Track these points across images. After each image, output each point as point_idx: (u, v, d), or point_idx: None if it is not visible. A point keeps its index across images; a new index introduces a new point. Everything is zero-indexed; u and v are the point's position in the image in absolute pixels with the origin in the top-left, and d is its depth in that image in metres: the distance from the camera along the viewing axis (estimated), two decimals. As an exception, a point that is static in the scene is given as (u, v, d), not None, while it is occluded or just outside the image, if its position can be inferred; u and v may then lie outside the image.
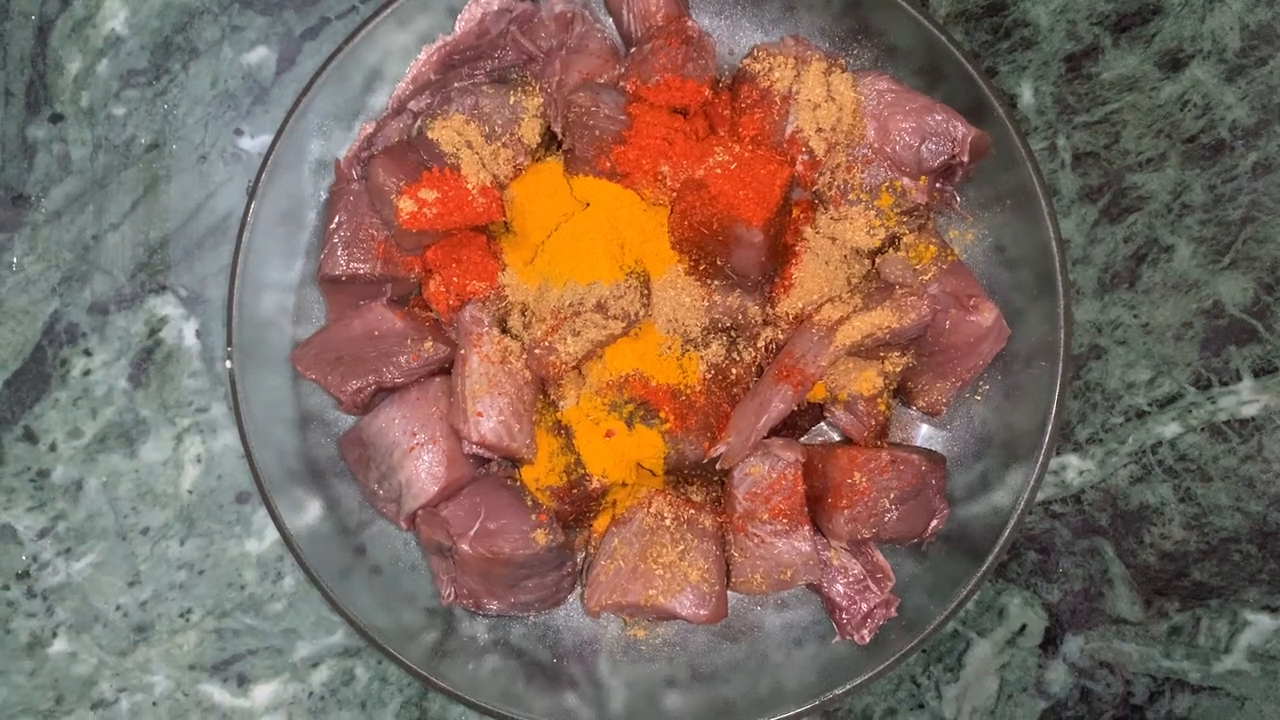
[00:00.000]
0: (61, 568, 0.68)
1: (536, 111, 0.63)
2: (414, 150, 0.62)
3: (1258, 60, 0.69)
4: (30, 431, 0.68)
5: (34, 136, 0.69)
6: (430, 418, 0.61)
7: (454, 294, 0.63)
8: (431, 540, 0.62)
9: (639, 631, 0.65)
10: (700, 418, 0.62)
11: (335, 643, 0.68)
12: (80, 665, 0.67)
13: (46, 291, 0.69)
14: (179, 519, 0.68)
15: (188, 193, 0.69)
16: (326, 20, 0.70)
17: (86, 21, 0.70)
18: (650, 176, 0.61)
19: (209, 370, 0.69)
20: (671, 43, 0.62)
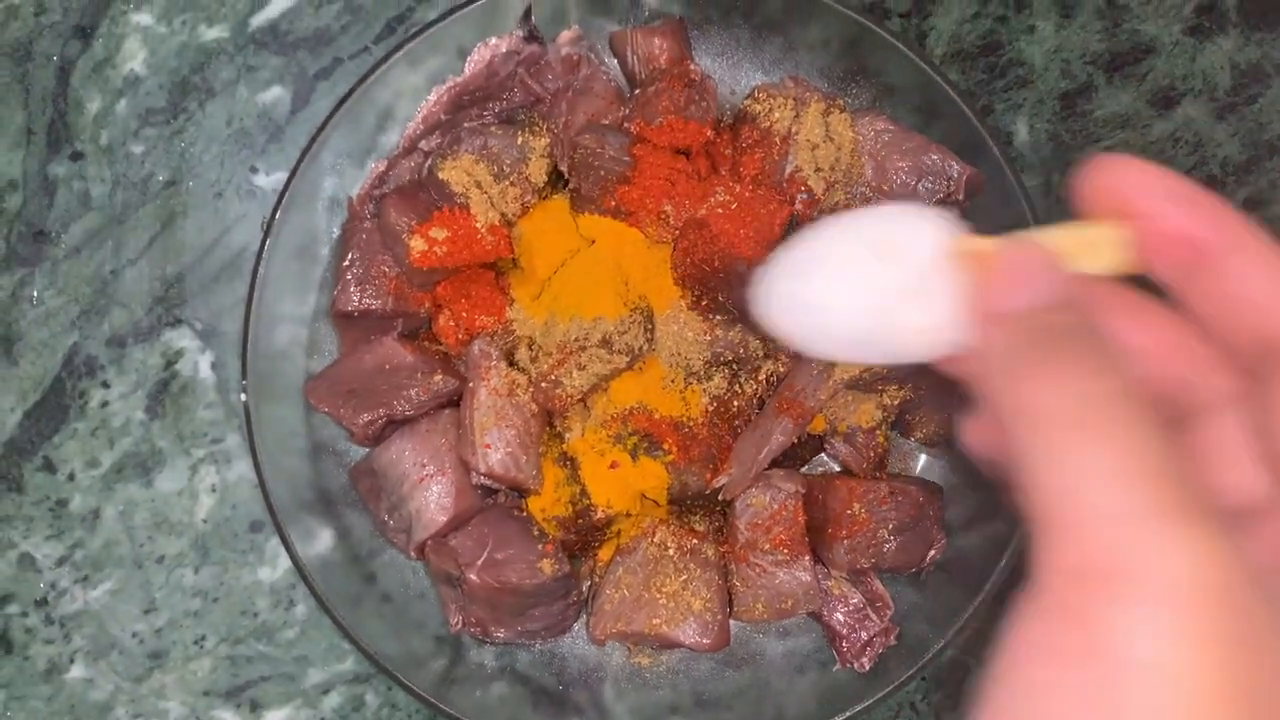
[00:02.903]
0: (79, 595, 0.69)
1: (544, 151, 0.64)
2: (424, 190, 0.63)
3: (1248, 98, 0.71)
4: (49, 461, 0.70)
5: (55, 174, 0.71)
6: (439, 449, 0.63)
7: (463, 329, 0.64)
8: (440, 569, 0.63)
9: (643, 659, 0.66)
10: (703, 449, 0.63)
11: (346, 669, 0.69)
12: (97, 691, 0.69)
13: (66, 325, 0.70)
14: (194, 547, 0.70)
15: (204, 228, 0.71)
16: (339, 61, 0.72)
17: (106, 62, 0.72)
18: (654, 215, 0.62)
19: (224, 402, 0.70)
20: (674, 85, 0.63)
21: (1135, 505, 0.24)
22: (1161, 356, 0.31)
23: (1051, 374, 0.27)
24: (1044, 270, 0.30)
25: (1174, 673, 0.22)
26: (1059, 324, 0.28)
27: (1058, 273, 0.29)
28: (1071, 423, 0.26)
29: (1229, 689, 0.22)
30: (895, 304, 0.31)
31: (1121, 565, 0.23)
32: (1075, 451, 0.25)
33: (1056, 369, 0.27)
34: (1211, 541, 0.23)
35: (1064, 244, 0.31)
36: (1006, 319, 0.29)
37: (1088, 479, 0.25)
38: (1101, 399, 0.26)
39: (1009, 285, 0.30)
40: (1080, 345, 0.28)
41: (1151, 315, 0.32)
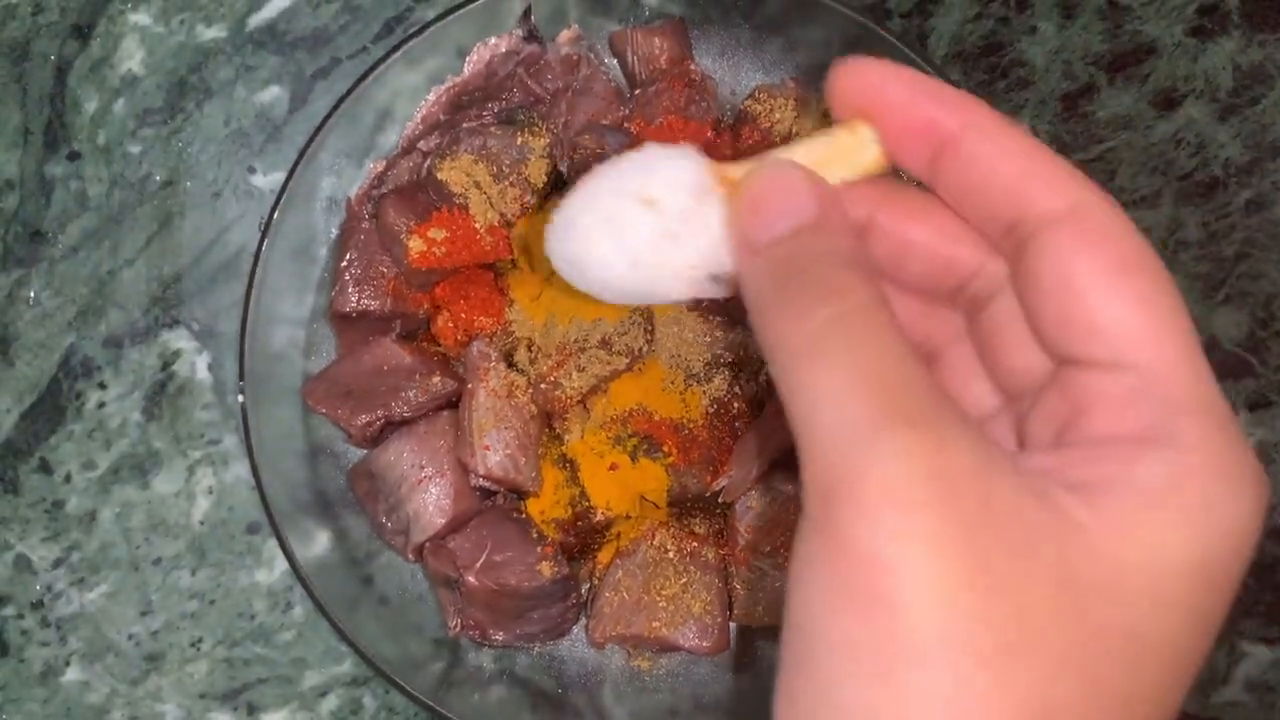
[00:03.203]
0: (75, 597, 0.69)
1: (543, 152, 0.64)
2: (423, 190, 0.63)
3: (1250, 100, 0.71)
4: (46, 463, 0.69)
5: (52, 174, 0.71)
6: (438, 451, 0.62)
7: (462, 330, 0.64)
8: (438, 572, 0.63)
9: (643, 662, 0.65)
10: (703, 451, 0.63)
11: (343, 672, 0.69)
12: (92, 694, 0.68)
13: (63, 326, 0.70)
14: (190, 549, 0.69)
15: (201, 229, 0.71)
16: (338, 61, 0.72)
17: (104, 62, 0.72)
18: (654, 216, 0.62)
19: (221, 403, 0.70)
20: (675, 85, 0.63)
21: (855, 418, 0.25)
22: (943, 246, 0.32)
23: (792, 307, 0.27)
24: (793, 191, 0.29)
25: (908, 572, 0.23)
26: (797, 249, 0.29)
27: (807, 191, 0.29)
28: (807, 351, 0.26)
29: (961, 577, 0.23)
30: (661, 246, 0.31)
31: (846, 476, 0.24)
32: (809, 378, 0.26)
33: (796, 301, 0.27)
34: (924, 441, 0.24)
35: (814, 155, 0.31)
36: (761, 249, 0.29)
37: (819, 402, 0.26)
38: (836, 322, 0.26)
39: (762, 212, 0.30)
40: (819, 271, 0.28)
41: (932, 207, 0.32)
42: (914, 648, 0.23)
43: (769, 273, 0.29)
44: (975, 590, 0.23)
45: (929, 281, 0.32)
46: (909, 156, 0.31)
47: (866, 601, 0.24)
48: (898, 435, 0.24)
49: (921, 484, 0.24)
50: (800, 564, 0.26)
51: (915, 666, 0.23)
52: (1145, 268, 0.27)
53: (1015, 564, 0.24)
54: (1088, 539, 0.25)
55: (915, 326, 0.34)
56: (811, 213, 0.29)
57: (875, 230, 0.32)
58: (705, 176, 0.31)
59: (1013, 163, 0.29)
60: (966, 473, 0.24)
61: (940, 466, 0.24)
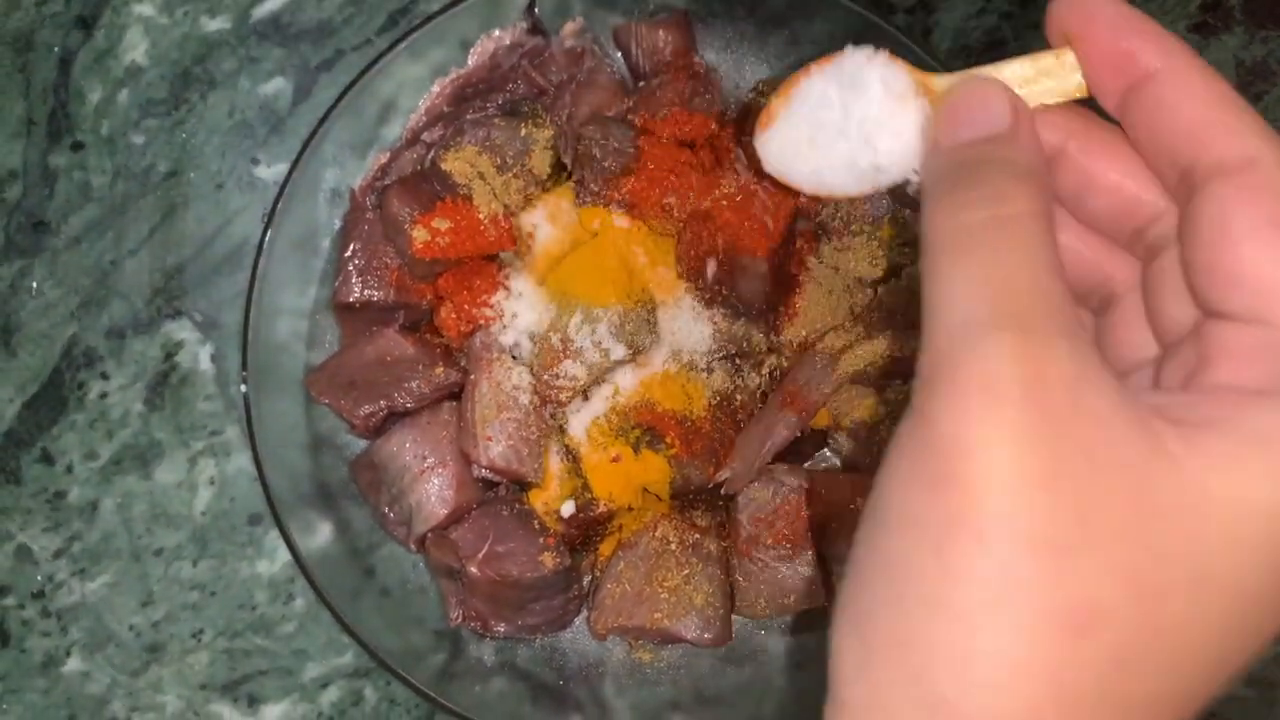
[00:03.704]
0: (76, 588, 0.69)
1: (547, 143, 0.64)
2: (427, 181, 0.63)
3: (1253, 96, 0.71)
4: (48, 453, 0.69)
5: (55, 164, 0.71)
6: (440, 442, 0.62)
7: (465, 321, 0.64)
8: (440, 562, 0.63)
9: (644, 654, 0.65)
10: (705, 443, 0.63)
11: (345, 664, 0.69)
12: (93, 684, 0.68)
13: (65, 316, 0.70)
14: (192, 540, 0.69)
15: (204, 220, 0.71)
16: (342, 52, 0.72)
17: (108, 53, 0.72)
18: (657, 208, 0.62)
19: (223, 394, 0.70)
20: (679, 77, 0.63)
21: (972, 314, 0.26)
22: (1126, 185, 0.32)
23: (954, 201, 0.28)
24: (990, 102, 0.30)
25: (985, 458, 0.24)
26: (978, 154, 0.30)
27: (1002, 104, 0.30)
28: (953, 245, 0.28)
29: (1034, 473, 0.24)
30: (867, 137, 0.34)
31: (948, 365, 0.26)
32: (946, 270, 0.27)
33: (960, 197, 0.28)
34: (1029, 344, 0.25)
35: (1017, 74, 0.32)
36: (946, 150, 0.31)
37: (946, 295, 0.27)
38: (988, 224, 0.27)
39: (957, 118, 0.31)
40: (991, 174, 0.29)
41: (1122, 146, 0.32)
42: (972, 526, 0.24)
43: (946, 169, 0.30)
44: (1045, 488, 0.24)
45: (1110, 221, 0.33)
46: (1106, 88, 0.31)
47: (941, 480, 0.25)
48: (1004, 336, 0.25)
49: (1016, 383, 0.25)
50: (891, 447, 0.27)
51: (970, 543, 0.24)
52: None
53: (1092, 474, 0.25)
54: (1175, 466, 0.25)
55: (1097, 266, 0.34)
56: (1003, 125, 0.30)
57: (1064, 160, 0.32)
58: (908, 82, 0.33)
59: (1198, 107, 0.29)
60: (1064, 381, 0.25)
61: (1038, 371, 0.25)
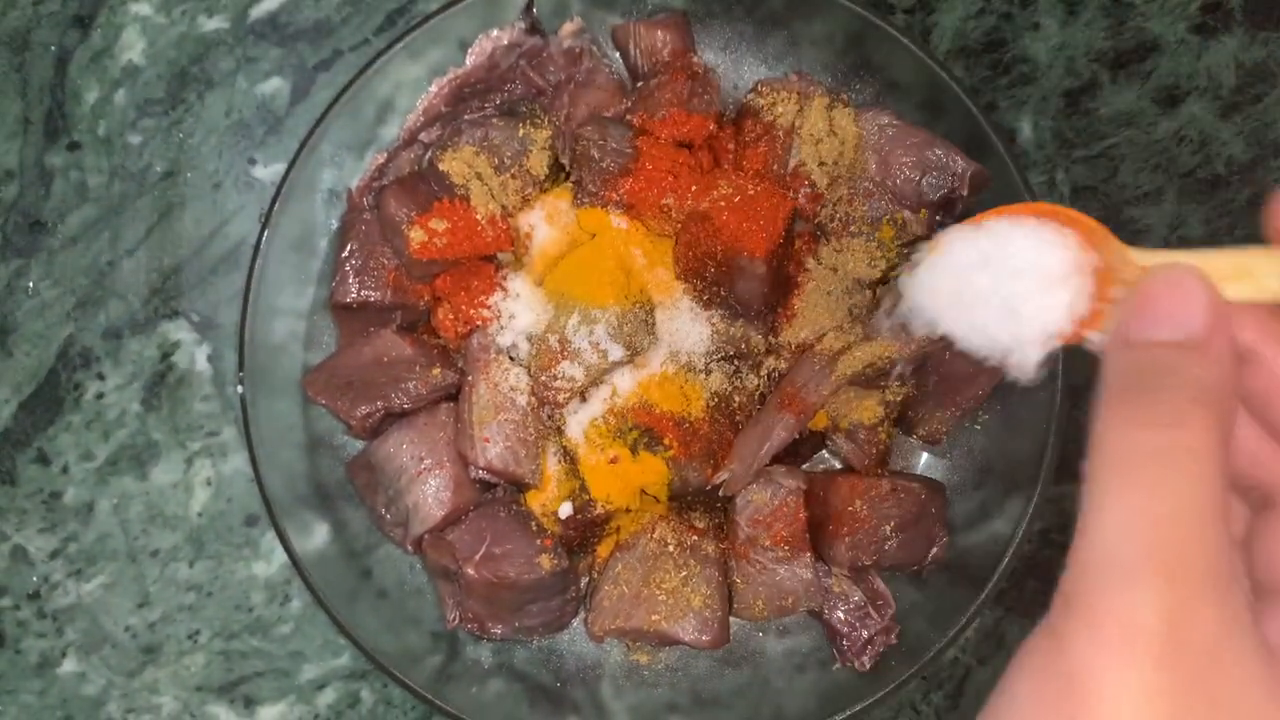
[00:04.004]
0: (72, 589, 0.69)
1: (545, 144, 0.64)
2: (424, 181, 0.63)
3: (1253, 97, 0.70)
4: (43, 454, 0.69)
5: (52, 164, 0.71)
6: (437, 443, 0.62)
7: (462, 321, 0.64)
8: (437, 564, 0.63)
9: (642, 656, 0.65)
10: (703, 445, 0.63)
11: (341, 665, 0.69)
12: (89, 686, 0.68)
13: (61, 316, 0.70)
14: (189, 541, 0.69)
15: (201, 220, 0.71)
16: (339, 52, 0.72)
17: (105, 52, 0.72)
18: (656, 208, 0.62)
19: (220, 394, 0.70)
20: (677, 78, 0.63)
21: (1124, 555, 0.26)
22: None
23: (1128, 413, 0.28)
24: (1188, 301, 0.29)
25: (1113, 698, 0.25)
26: (1165, 362, 0.29)
27: (1201, 306, 0.29)
28: (1120, 467, 0.27)
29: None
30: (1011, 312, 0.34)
31: (1090, 597, 0.26)
32: (1112, 494, 0.27)
33: (1136, 410, 0.28)
34: (1175, 596, 0.25)
35: (1221, 266, 0.31)
36: (1135, 344, 0.30)
37: (1104, 524, 0.27)
38: (1161, 452, 0.27)
39: (1149, 311, 0.30)
40: (1171, 389, 0.28)
41: None
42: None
43: (1129, 369, 0.29)
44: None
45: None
46: None
47: (1068, 713, 0.25)
48: (1154, 583, 0.25)
49: (1156, 638, 0.25)
50: (1022, 649, 0.27)
51: None
52: None
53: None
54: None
55: (1267, 467, 0.34)
56: (1199, 330, 0.29)
57: (1257, 360, 0.32)
58: (1067, 260, 0.33)
59: None
60: (1205, 642, 0.25)
61: (1181, 629, 0.25)
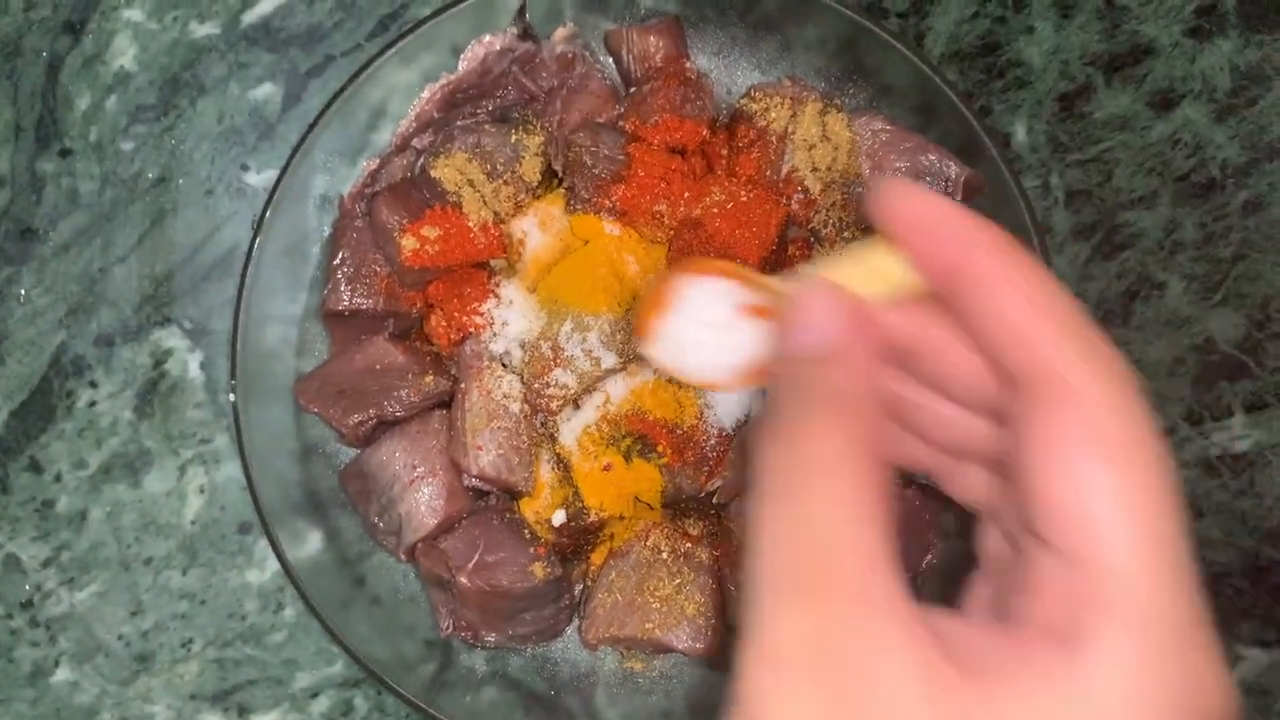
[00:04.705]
0: (65, 597, 0.68)
1: (537, 150, 0.64)
2: (416, 188, 0.63)
3: (1248, 100, 0.70)
4: (36, 462, 0.69)
5: (43, 171, 0.71)
6: (430, 451, 0.62)
7: (455, 329, 0.63)
8: (431, 572, 0.62)
9: (636, 664, 0.65)
10: (697, 452, 0.62)
11: (335, 673, 0.68)
12: (82, 694, 0.68)
13: (53, 324, 0.70)
14: (181, 549, 0.69)
15: (193, 227, 0.70)
16: (332, 58, 0.72)
17: (96, 58, 0.71)
18: (648, 215, 0.62)
19: (213, 402, 0.70)
20: (670, 83, 0.63)
21: (770, 576, 0.27)
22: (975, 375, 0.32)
23: (772, 431, 0.29)
24: (821, 317, 0.31)
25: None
26: (805, 376, 0.30)
27: (829, 318, 0.31)
28: (765, 487, 0.28)
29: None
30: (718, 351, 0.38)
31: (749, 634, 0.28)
32: (757, 517, 0.28)
33: (776, 427, 0.29)
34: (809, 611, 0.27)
35: (854, 272, 0.33)
36: (785, 366, 0.31)
37: (755, 548, 0.28)
38: (798, 468, 0.28)
39: (792, 330, 0.32)
40: (808, 403, 0.29)
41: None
42: None
43: (780, 389, 0.30)
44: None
45: (971, 397, 0.33)
46: (938, 289, 0.32)
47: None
48: (794, 601, 0.27)
49: (801, 653, 0.26)
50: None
51: None
52: (1129, 462, 0.27)
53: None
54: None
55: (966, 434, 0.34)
56: (829, 340, 0.30)
57: (923, 343, 0.33)
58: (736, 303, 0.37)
59: (1022, 317, 0.29)
60: (847, 646, 0.26)
61: (822, 639, 0.26)
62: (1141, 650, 0.26)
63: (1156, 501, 0.27)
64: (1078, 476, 0.27)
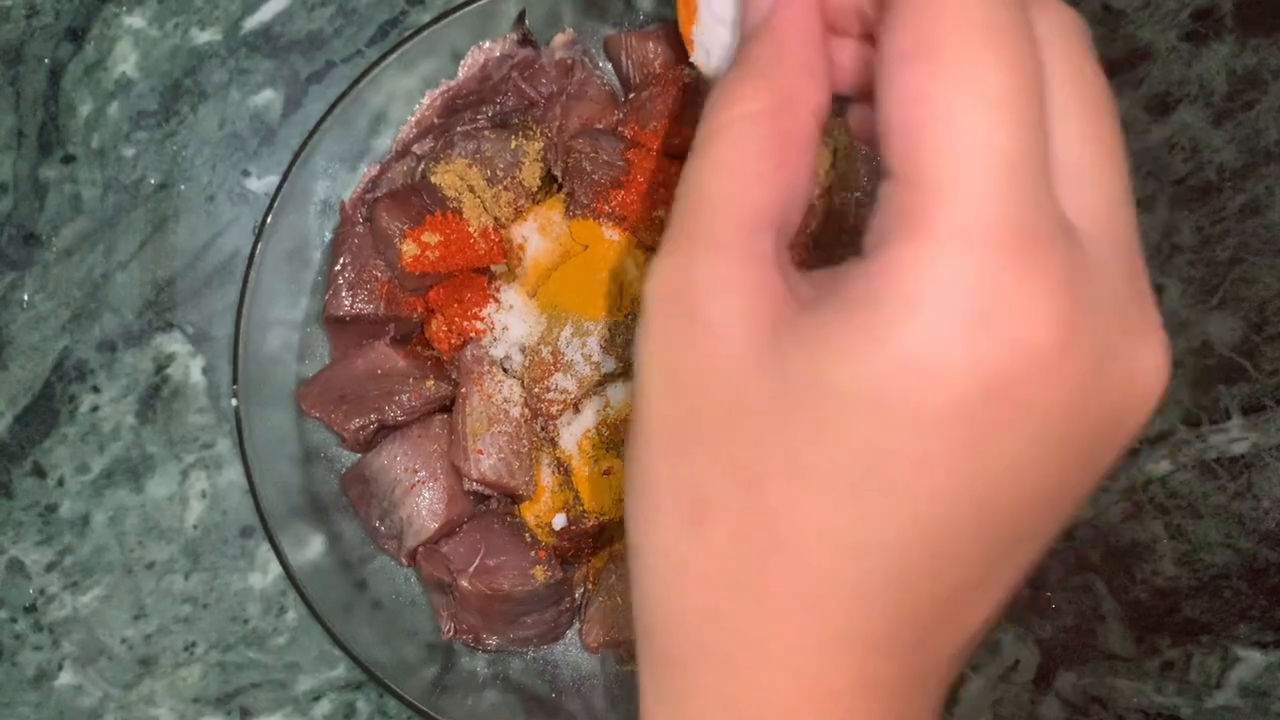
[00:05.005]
0: (68, 601, 0.69)
1: (537, 155, 0.64)
2: (417, 194, 0.63)
3: (1244, 104, 0.71)
4: (39, 466, 0.69)
5: (46, 177, 0.71)
6: (431, 455, 0.62)
7: (455, 333, 0.64)
8: (432, 576, 0.63)
9: (637, 667, 0.65)
10: (697, 456, 0.63)
11: (337, 676, 0.69)
12: (85, 698, 0.68)
13: (56, 329, 0.70)
14: (184, 553, 0.69)
15: (195, 232, 0.71)
16: (332, 64, 0.72)
17: (98, 65, 0.72)
18: (647, 220, 0.62)
19: (215, 407, 0.70)
20: (669, 89, 0.63)
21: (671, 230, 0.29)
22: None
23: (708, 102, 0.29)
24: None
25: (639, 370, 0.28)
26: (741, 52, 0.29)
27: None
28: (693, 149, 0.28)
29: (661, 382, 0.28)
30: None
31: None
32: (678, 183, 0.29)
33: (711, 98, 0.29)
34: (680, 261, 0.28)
35: None
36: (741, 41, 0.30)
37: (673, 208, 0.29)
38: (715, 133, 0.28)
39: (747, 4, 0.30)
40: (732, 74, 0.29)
41: None
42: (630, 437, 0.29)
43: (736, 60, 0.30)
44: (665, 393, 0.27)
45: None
46: None
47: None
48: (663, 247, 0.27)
49: (654, 300, 0.27)
50: None
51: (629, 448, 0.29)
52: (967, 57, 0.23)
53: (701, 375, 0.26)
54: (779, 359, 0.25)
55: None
56: (766, 11, 0.29)
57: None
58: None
59: None
60: (691, 290, 0.26)
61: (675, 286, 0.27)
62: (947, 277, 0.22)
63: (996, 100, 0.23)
64: (903, 89, 0.23)
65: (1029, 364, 0.22)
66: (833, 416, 0.23)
